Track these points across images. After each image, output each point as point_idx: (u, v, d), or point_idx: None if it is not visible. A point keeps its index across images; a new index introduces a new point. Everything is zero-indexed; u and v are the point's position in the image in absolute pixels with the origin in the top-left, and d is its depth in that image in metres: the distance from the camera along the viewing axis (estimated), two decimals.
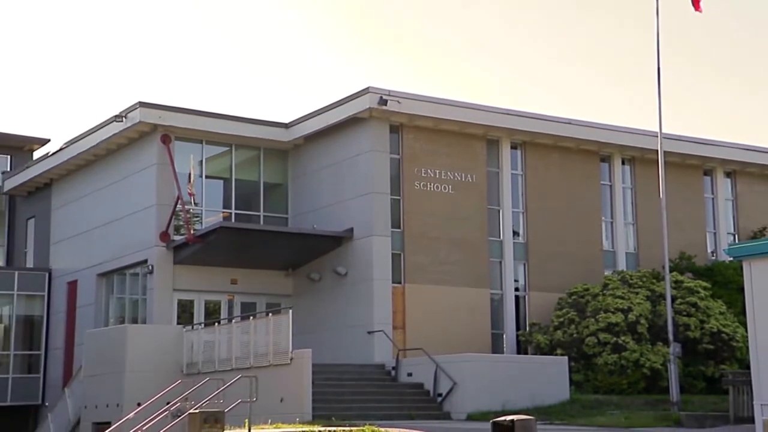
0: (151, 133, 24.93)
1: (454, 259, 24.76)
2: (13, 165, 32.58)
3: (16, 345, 29.58)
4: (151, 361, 21.50)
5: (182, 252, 24.27)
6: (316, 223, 25.20)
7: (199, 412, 13.70)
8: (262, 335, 19.84)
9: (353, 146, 24.57)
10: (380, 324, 23.13)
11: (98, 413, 21.99)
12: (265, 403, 16.80)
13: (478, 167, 25.74)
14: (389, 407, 19.35)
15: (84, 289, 27.75)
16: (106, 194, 27.11)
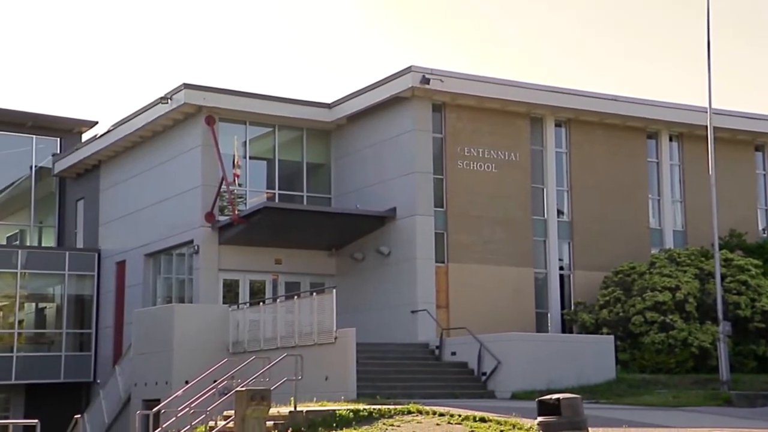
0: (196, 114, 25.16)
1: (497, 238, 24.63)
2: (62, 147, 33.20)
3: (68, 324, 30.30)
4: (198, 340, 21.82)
5: (227, 232, 24.54)
6: (359, 203, 25.25)
7: (246, 390, 13.86)
8: (307, 314, 19.99)
9: (396, 126, 24.51)
10: (423, 303, 23.16)
11: (147, 390, 22.44)
12: (310, 382, 16.96)
13: (521, 145, 25.50)
14: (433, 386, 19.39)
15: (132, 269, 28.24)
16: (153, 175, 27.49)
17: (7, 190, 33.14)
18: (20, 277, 29.56)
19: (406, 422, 14.08)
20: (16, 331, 29.53)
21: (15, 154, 32.82)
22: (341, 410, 14.78)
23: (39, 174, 33.26)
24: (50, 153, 33.19)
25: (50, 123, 33.37)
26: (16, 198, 33.24)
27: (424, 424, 13.82)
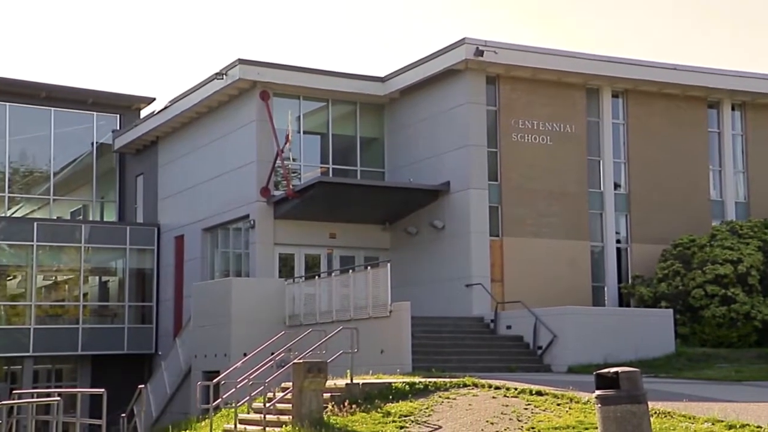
0: (251, 89, 25.36)
1: (552, 211, 24.40)
2: (122, 124, 33.84)
3: (130, 297, 31.07)
4: (255, 313, 22.17)
5: (282, 207, 24.79)
6: (413, 176, 25.23)
7: (303, 362, 14.07)
8: (361, 288, 20.13)
9: (449, 99, 24.35)
10: (478, 277, 23.12)
11: (207, 362, 22.93)
12: (366, 355, 17.11)
13: (577, 117, 25.13)
14: (488, 359, 19.40)
15: (190, 243, 28.77)
16: (209, 151, 27.86)
17: (70, 166, 33.97)
18: (84, 251, 30.37)
19: (462, 395, 14.15)
20: (81, 303, 30.42)
21: (77, 131, 33.60)
22: (397, 383, 14.91)
23: (100, 150, 33.99)
24: (110, 129, 33.87)
25: (110, 100, 34.02)
26: (78, 174, 34.07)
27: (480, 398, 13.87)
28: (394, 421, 13.26)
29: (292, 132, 24.52)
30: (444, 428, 12.66)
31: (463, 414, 13.14)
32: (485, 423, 12.57)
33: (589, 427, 11.46)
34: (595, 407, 9.57)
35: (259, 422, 14.62)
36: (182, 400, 24.42)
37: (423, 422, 13.08)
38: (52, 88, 32.89)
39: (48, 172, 33.35)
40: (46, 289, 31.53)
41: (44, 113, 32.74)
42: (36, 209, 33.74)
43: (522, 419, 12.50)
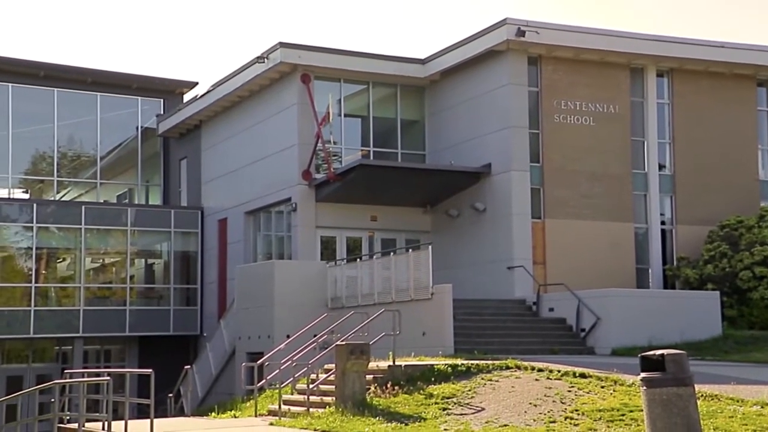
0: (292, 73, 25.46)
1: (595, 192, 24.15)
2: (166, 108, 34.25)
3: (175, 279, 31.56)
4: (298, 295, 22.37)
5: (323, 190, 24.90)
6: (454, 159, 25.14)
7: (346, 344, 14.19)
8: (403, 271, 20.18)
9: (490, 80, 24.18)
10: (520, 259, 23.01)
11: (251, 344, 23.22)
12: (408, 337, 17.18)
13: (620, 97, 24.78)
14: (531, 342, 19.35)
15: (233, 226, 29.09)
16: (251, 134, 28.08)
17: (116, 150, 34.52)
18: (130, 234, 30.90)
19: (505, 377, 14.16)
20: (128, 285, 30.99)
21: (122, 116, 34.10)
22: (439, 365, 14.96)
23: (144, 134, 34.46)
24: (154, 114, 34.30)
25: (154, 84, 34.43)
26: (124, 158, 34.60)
27: (523, 380, 13.86)
28: (437, 402, 13.33)
29: (332, 114, 24.57)
30: (487, 410, 12.69)
31: (505, 396, 13.16)
32: (528, 405, 12.58)
33: (633, 410, 11.40)
34: (640, 390, 9.51)
35: (302, 403, 14.80)
36: (227, 380, 24.78)
37: (466, 404, 13.13)
38: (98, 73, 33.39)
39: (95, 157, 33.93)
40: (94, 272, 32.18)
41: (91, 98, 33.27)
42: (83, 193, 34.38)
43: (565, 401, 12.47)
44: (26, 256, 29.71)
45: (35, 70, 32.25)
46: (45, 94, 32.50)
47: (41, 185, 33.65)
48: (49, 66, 32.69)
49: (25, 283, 29.32)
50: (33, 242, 29.43)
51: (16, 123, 32.22)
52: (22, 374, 29.92)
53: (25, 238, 29.54)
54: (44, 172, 33.44)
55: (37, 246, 29.55)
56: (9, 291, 29.51)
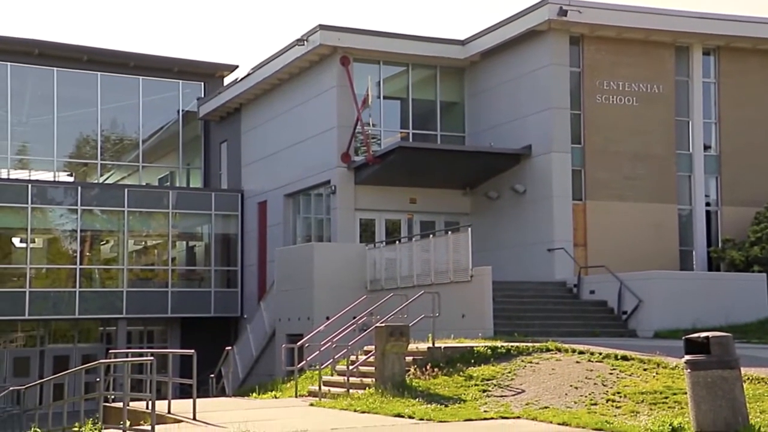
0: (331, 55, 25.43)
1: (638, 174, 23.80)
2: (206, 91, 34.49)
3: (216, 261, 31.89)
4: (337, 278, 22.45)
5: (363, 172, 24.90)
6: (494, 141, 24.94)
7: (386, 326, 14.20)
8: (442, 253, 20.13)
9: (531, 61, 23.89)
10: (560, 242, 22.81)
11: (291, 326, 23.40)
12: (447, 319, 17.15)
13: (665, 77, 24.32)
14: (571, 324, 19.20)
15: (273, 209, 29.25)
16: (290, 117, 28.15)
17: (158, 133, 34.90)
18: (171, 217, 31.27)
19: (545, 359, 14.06)
20: (170, 267, 31.40)
21: (163, 99, 34.44)
22: (479, 347, 14.91)
23: (185, 118, 34.76)
24: (195, 97, 34.56)
25: (194, 68, 34.69)
26: (165, 141, 34.98)
27: (564, 362, 13.75)
28: (477, 384, 13.29)
29: (372, 97, 24.50)
30: (527, 392, 12.63)
31: (546, 378, 13.07)
32: (569, 387, 12.48)
33: (677, 393, 11.24)
34: (684, 372, 9.38)
35: (342, 384, 14.86)
36: (267, 361, 25.03)
37: (506, 386, 13.07)
38: (140, 57, 33.74)
39: (137, 140, 34.34)
40: (136, 254, 32.67)
41: (133, 82, 33.63)
42: (126, 176, 34.86)
43: (607, 384, 12.34)
44: (71, 238, 30.24)
45: (79, 55, 32.69)
46: (89, 78, 32.93)
47: (85, 168, 34.18)
48: (93, 50, 33.10)
49: (70, 265, 29.87)
50: (77, 225, 29.94)
51: (60, 107, 32.74)
52: (68, 354, 30.56)
53: (70, 221, 30.06)
54: (88, 156, 33.95)
55: (81, 228, 30.06)
56: (55, 273, 30.10)
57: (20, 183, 29.99)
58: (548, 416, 10.99)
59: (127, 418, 11.01)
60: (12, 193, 29.22)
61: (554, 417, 10.90)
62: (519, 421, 11.01)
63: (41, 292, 29.15)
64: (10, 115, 32.00)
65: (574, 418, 10.65)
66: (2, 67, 31.82)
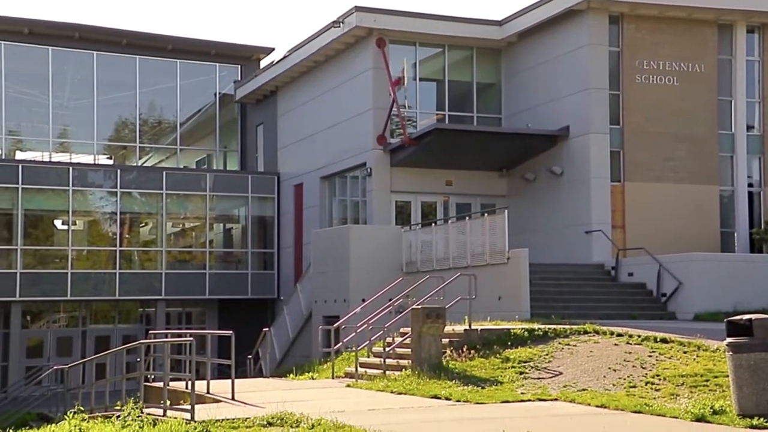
0: (367, 37, 25.35)
1: (678, 155, 23.43)
2: (243, 74, 34.62)
3: (253, 243, 32.12)
4: (373, 260, 22.48)
5: (398, 154, 24.84)
6: (530, 122, 24.71)
7: (422, 308, 14.20)
8: (478, 235, 20.04)
9: (570, 41, 23.57)
10: (598, 224, 22.57)
11: (327, 307, 23.51)
12: (484, 301, 17.10)
13: (707, 56, 23.84)
14: (609, 307, 19.02)
15: (309, 191, 29.35)
16: (326, 100, 28.16)
17: (195, 116, 35.15)
18: (209, 199, 31.54)
19: (583, 342, 13.96)
20: (207, 250, 31.70)
21: (200, 82, 34.64)
22: (516, 329, 14.85)
23: (222, 101, 34.94)
24: (232, 80, 34.71)
25: (231, 51, 34.81)
26: (202, 124, 35.21)
27: (602, 344, 13.64)
28: (514, 366, 13.24)
29: (407, 78, 24.38)
30: (564, 374, 12.55)
31: (584, 361, 12.98)
32: (607, 370, 12.38)
33: (719, 375, 11.10)
34: (725, 355, 9.25)
35: (378, 366, 14.91)
36: (304, 343, 25.20)
37: (543, 368, 13.01)
38: (178, 40, 33.94)
39: (174, 123, 34.64)
40: (174, 236, 33.03)
41: (170, 65, 33.87)
42: (164, 159, 35.20)
43: (646, 366, 12.22)
44: (111, 220, 30.66)
45: (118, 38, 33.00)
46: (128, 61, 33.24)
47: (124, 151, 34.59)
48: (132, 34, 33.38)
49: (110, 247, 30.32)
50: (117, 207, 30.33)
51: (100, 91, 33.11)
52: (109, 334, 31.08)
53: (110, 203, 30.47)
54: (127, 139, 34.33)
55: (120, 211, 30.46)
56: (95, 254, 30.57)
57: (62, 166, 30.45)
58: (586, 398, 10.92)
59: (167, 398, 11.16)
60: (54, 176, 29.69)
61: (592, 399, 10.83)
62: (556, 404, 10.96)
63: (82, 273, 29.64)
64: (51, 99, 32.46)
65: (613, 401, 10.57)
66: (44, 52, 32.25)
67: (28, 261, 29.15)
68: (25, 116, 32.65)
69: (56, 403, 17.82)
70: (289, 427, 9.13)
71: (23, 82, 32.35)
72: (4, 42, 31.76)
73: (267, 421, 9.46)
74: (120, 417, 10.93)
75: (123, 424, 10.48)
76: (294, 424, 9.28)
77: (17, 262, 28.75)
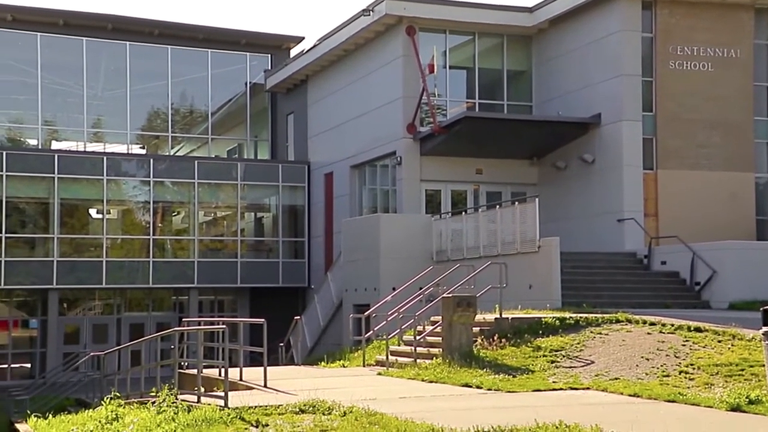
0: (397, 25, 25.29)
1: (712, 142, 23.12)
2: (273, 64, 34.73)
3: (284, 232, 32.31)
4: (403, 248, 22.51)
5: (428, 143, 24.80)
6: (561, 109, 24.52)
7: (453, 296, 14.20)
8: (509, 224, 19.97)
9: (601, 27, 23.32)
10: (631, 212, 22.38)
11: (357, 296, 23.60)
12: (514, 290, 17.06)
13: (743, 41, 23.45)
14: (642, 295, 18.88)
15: (339, 180, 29.42)
16: (356, 88, 28.16)
17: (226, 106, 35.36)
18: (240, 188, 31.76)
19: (615, 331, 13.87)
20: (239, 238, 31.96)
21: (231, 72, 34.83)
22: (547, 318, 14.80)
23: (253, 90, 35.10)
24: (262, 69, 34.84)
25: (262, 40, 34.95)
26: (233, 114, 35.42)
27: (634, 333, 13.55)
28: (545, 355, 13.21)
29: (437, 66, 24.30)
30: (596, 363, 12.50)
31: (616, 349, 12.90)
32: (640, 359, 12.30)
33: (754, 365, 10.98)
34: (761, 344, 9.14)
35: (409, 354, 14.95)
36: (335, 331, 25.33)
37: (574, 357, 12.96)
38: (209, 30, 34.14)
39: (206, 113, 34.88)
40: (206, 225, 33.32)
41: (202, 55, 34.09)
42: (196, 148, 35.48)
43: (679, 356, 12.12)
44: (144, 209, 31.01)
45: (150, 29, 33.27)
46: (159, 51, 33.51)
47: (156, 141, 34.92)
48: (163, 24, 33.64)
49: (144, 236, 30.67)
50: (150, 196, 30.66)
51: (133, 81, 33.43)
52: (143, 322, 31.50)
53: (143, 193, 30.81)
54: (159, 128, 34.65)
55: (153, 200, 30.79)
56: (129, 243, 30.96)
57: (96, 156, 30.83)
58: (619, 387, 10.87)
59: (201, 385, 11.30)
60: (89, 166, 30.08)
61: (625, 388, 10.77)
62: (589, 392, 10.92)
63: (117, 261, 30.05)
64: (86, 90, 32.84)
65: (646, 390, 10.51)
66: (78, 43, 32.62)
67: (65, 249, 29.61)
68: (60, 107, 33.08)
69: (93, 389, 18.12)
70: (321, 415, 9.20)
71: (58, 73, 32.77)
72: (40, 33, 32.17)
73: (299, 409, 9.54)
74: (155, 403, 11.10)
75: (158, 410, 10.65)
76: (326, 411, 9.35)
77: (54, 250, 29.23)
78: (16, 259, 28.99)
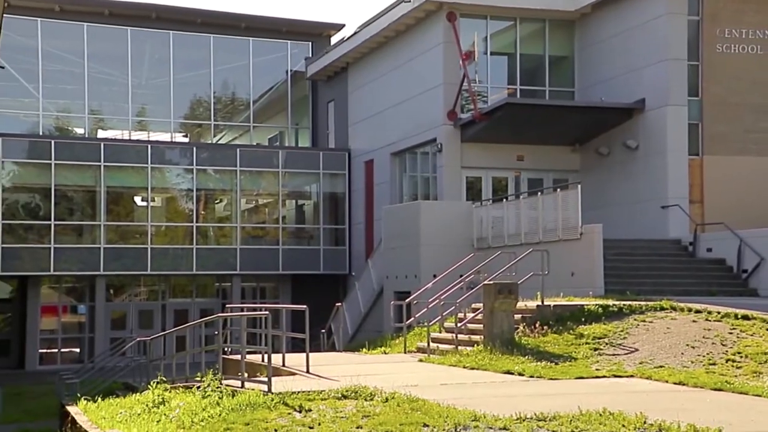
0: (437, 11, 25.16)
1: (761, 126, 22.66)
2: (314, 51, 34.83)
3: (325, 220, 32.48)
4: (443, 236, 22.48)
5: (469, 130, 24.68)
6: (604, 95, 24.20)
7: (494, 284, 14.15)
8: (550, 211, 19.81)
9: (646, 10, 22.93)
10: (675, 198, 22.05)
11: (398, 283, 23.64)
12: (556, 277, 16.93)
13: None
14: (687, 283, 18.61)
15: (379, 167, 29.44)
16: (397, 75, 28.11)
17: (267, 94, 35.58)
18: (281, 176, 31.98)
19: (659, 318, 13.71)
20: (280, 226, 32.22)
21: (272, 60, 35.02)
22: (589, 305, 14.68)
23: (294, 78, 35.26)
24: (303, 57, 34.97)
25: (302, 28, 35.06)
26: (274, 102, 35.63)
27: (679, 321, 13.38)
28: (588, 342, 13.11)
29: (477, 53, 24.13)
30: (640, 351, 12.37)
31: (660, 337, 12.76)
32: (685, 347, 12.15)
33: None
34: None
35: (450, 341, 14.96)
36: (376, 318, 25.42)
37: (618, 344, 12.84)
38: (251, 18, 34.36)
39: (247, 101, 35.13)
40: (248, 212, 33.64)
41: (243, 43, 34.33)
42: (237, 136, 35.79)
43: (726, 344, 11.95)
44: (187, 197, 31.41)
45: (193, 18, 33.59)
46: (202, 40, 33.83)
47: (199, 129, 35.29)
48: (206, 13, 33.94)
49: (187, 223, 31.07)
50: (193, 184, 31.04)
51: (176, 69, 33.80)
52: (187, 308, 31.95)
53: (186, 180, 31.20)
54: (202, 117, 35.01)
55: (196, 188, 31.16)
56: (173, 230, 31.39)
57: (140, 144, 31.28)
58: (663, 375, 10.76)
59: (245, 370, 11.44)
60: (133, 154, 30.55)
61: (670, 376, 10.65)
62: (632, 380, 10.82)
63: (161, 248, 30.51)
64: (130, 79, 33.30)
65: (691, 378, 10.38)
66: (122, 32, 33.07)
67: (111, 236, 30.14)
68: (105, 95, 33.60)
69: (139, 374, 18.45)
70: (363, 401, 9.26)
71: (104, 63, 33.26)
72: (86, 24, 32.68)
73: (342, 394, 9.62)
74: (200, 388, 11.27)
75: (203, 395, 10.82)
76: (368, 397, 9.41)
77: (101, 237, 29.78)
78: (65, 245, 29.61)
